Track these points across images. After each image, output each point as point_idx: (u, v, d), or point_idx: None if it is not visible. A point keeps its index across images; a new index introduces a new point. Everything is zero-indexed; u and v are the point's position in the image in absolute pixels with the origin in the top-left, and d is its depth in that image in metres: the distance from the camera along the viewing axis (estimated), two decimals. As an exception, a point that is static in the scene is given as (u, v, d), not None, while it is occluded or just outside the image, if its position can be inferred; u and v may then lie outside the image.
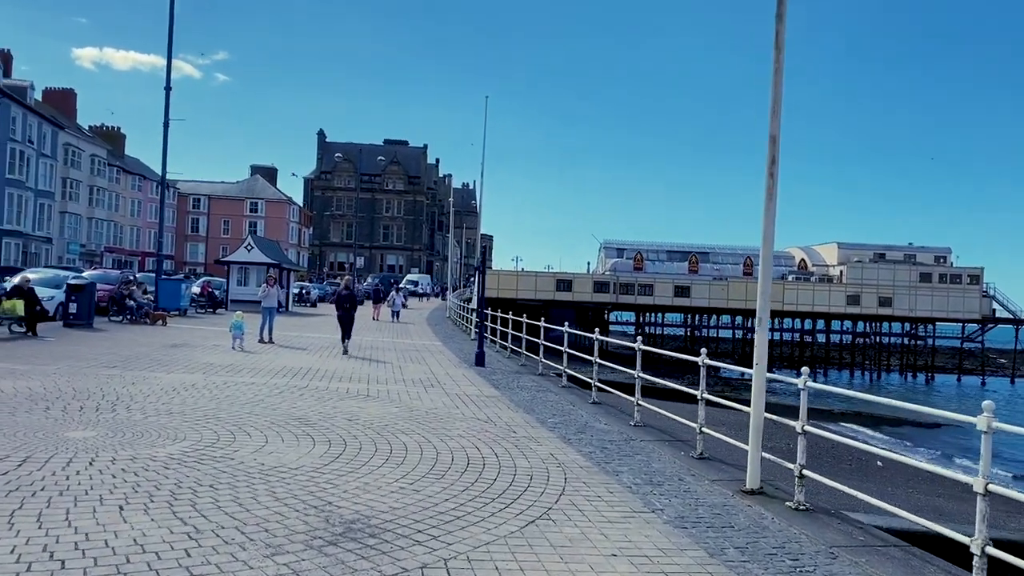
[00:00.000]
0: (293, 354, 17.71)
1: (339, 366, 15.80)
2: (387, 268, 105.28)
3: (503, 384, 14.74)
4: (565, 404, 12.60)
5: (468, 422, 10.09)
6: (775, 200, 7.26)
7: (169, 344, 17.96)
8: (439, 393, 12.74)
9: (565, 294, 62.69)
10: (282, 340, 21.33)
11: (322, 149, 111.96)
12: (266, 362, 15.64)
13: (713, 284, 65.86)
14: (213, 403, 10.21)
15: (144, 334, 20.32)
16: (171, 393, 10.83)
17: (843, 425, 29.96)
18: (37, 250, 59.35)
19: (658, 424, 11.05)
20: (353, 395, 11.81)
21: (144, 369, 13.26)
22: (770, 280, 7.43)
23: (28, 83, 60.59)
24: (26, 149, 57.15)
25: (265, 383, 12.46)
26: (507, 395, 13.12)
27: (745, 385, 44.27)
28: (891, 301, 64.60)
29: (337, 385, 12.79)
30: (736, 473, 8.02)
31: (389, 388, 12.90)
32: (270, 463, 7.18)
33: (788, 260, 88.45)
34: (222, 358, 15.74)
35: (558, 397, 13.41)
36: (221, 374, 13.27)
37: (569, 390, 14.56)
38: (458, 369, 16.93)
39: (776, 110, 7.23)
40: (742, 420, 8.32)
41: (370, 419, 9.80)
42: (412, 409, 10.85)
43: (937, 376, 63.03)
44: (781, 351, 66.36)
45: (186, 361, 14.82)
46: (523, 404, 12.16)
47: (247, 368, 14.36)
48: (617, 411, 12.24)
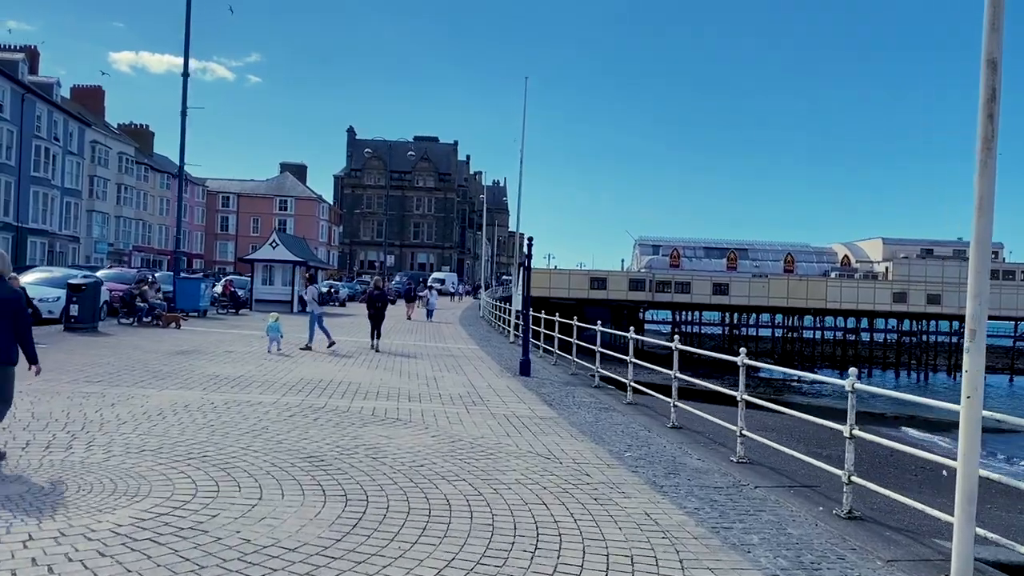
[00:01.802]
0: (314, 362, 15.63)
1: (365, 377, 13.67)
2: (417, 266, 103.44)
3: (557, 400, 12.49)
4: (637, 428, 10.33)
5: (525, 459, 7.87)
6: (994, 153, 4.91)
7: (176, 351, 15.98)
8: (483, 414, 10.54)
9: (599, 292, 60.70)
10: (301, 343, 19.36)
11: (352, 146, 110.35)
12: (282, 373, 13.56)
13: (753, 281, 63.85)
14: (203, 433, 8.09)
15: (152, 339, 18.40)
16: (154, 419, 8.74)
17: (902, 430, 27.35)
18: (63, 249, 58.31)
19: (760, 455, 8.75)
20: (380, 418, 9.63)
21: (133, 384, 11.22)
22: (987, 270, 5.11)
23: (55, 80, 59.60)
24: (52, 146, 56.08)
25: (275, 402, 10.34)
26: (565, 416, 10.87)
27: (788, 387, 41.86)
28: (940, 298, 62.13)
29: (361, 404, 10.63)
30: (917, 548, 5.70)
31: (423, 407, 10.72)
32: (258, 539, 5.01)
33: (830, 256, 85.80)
34: (231, 368, 13.70)
35: (626, 418, 11.13)
36: (224, 390, 11.19)
37: (637, 408, 12.27)
38: (501, 380, 14.73)
39: (996, 23, 4.88)
40: (804, 427, 6.02)
41: (400, 455, 7.61)
42: (453, 439, 8.64)
43: (988, 376, 59.79)
44: (823, 350, 63.95)
45: (187, 373, 12.78)
46: (587, 429, 9.90)
47: (257, 381, 12.28)
48: (705, 439, 9.94)
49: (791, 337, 65.34)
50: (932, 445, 23.44)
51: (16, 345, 6.60)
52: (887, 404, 32.21)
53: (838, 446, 8.62)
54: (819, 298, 61.41)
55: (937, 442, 25.24)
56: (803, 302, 61.35)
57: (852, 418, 6.54)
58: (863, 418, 25.51)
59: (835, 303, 61.04)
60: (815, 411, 7.46)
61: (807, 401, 35.65)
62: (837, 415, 7.30)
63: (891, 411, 32.02)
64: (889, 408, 31.92)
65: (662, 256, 79.95)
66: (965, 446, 4.99)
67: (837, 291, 61.56)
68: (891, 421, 30.00)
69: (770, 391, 38.52)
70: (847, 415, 6.58)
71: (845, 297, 61.19)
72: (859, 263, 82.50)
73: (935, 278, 62.57)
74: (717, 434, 10.11)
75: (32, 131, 53.21)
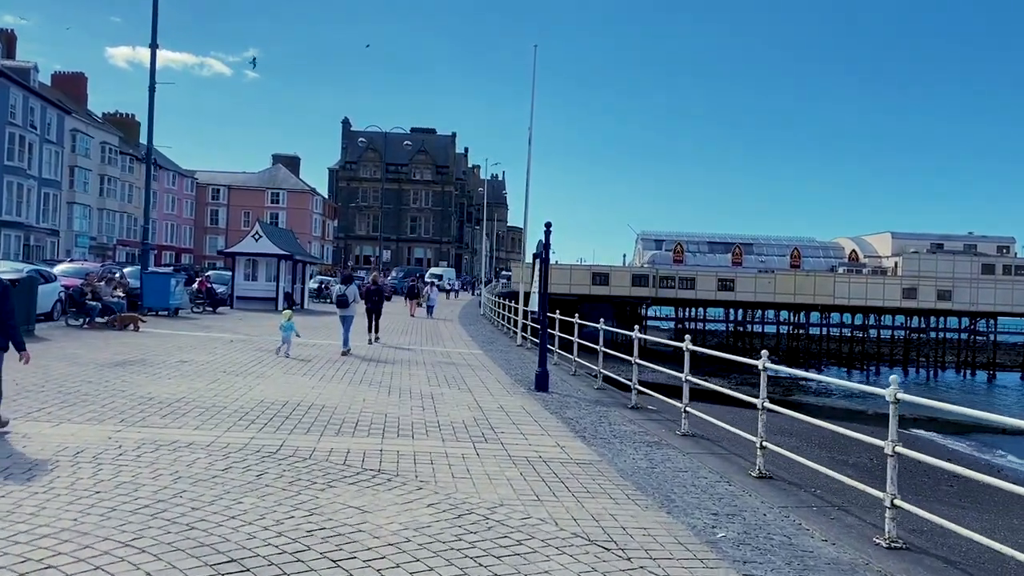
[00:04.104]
0: (285, 375, 12.76)
1: (344, 397, 10.81)
2: (414, 261, 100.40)
3: (589, 429, 9.66)
4: (711, 477, 7.50)
5: (572, 551, 5.03)
6: None
7: (116, 361, 13.10)
8: (499, 456, 7.70)
9: (602, 288, 58.45)
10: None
11: (347, 138, 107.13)
12: (239, 391, 10.69)
13: (759, 277, 62.11)
14: (70, 514, 5.19)
15: (96, 345, 15.49)
16: (10, 483, 5.87)
17: (917, 432, 24.70)
18: (41, 243, 55.31)
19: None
20: (353, 472, 6.77)
21: (27, 414, 8.33)
22: None
23: (32, 64, 56.54)
24: (28, 134, 53.05)
25: (209, 444, 7.47)
26: (608, 457, 8.03)
27: (798, 386, 39.49)
28: (950, 294, 60.34)
29: (331, 445, 7.77)
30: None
31: (416, 448, 7.87)
32: None
33: (837, 251, 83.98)
34: (175, 386, 10.83)
35: (688, 458, 8.31)
36: (149, 422, 8.33)
37: (697, 443, 9.42)
38: (514, 397, 11.90)
39: None
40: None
41: (377, 553, 4.77)
42: (459, 510, 5.80)
43: (999, 374, 57.63)
44: (828, 347, 61.73)
45: (112, 394, 9.90)
46: (645, 483, 7.07)
47: (201, 406, 9.41)
48: (838, 511, 7.11)
49: (797, 334, 63.12)
50: (976, 462, 20.96)
51: (4, 336, 7.19)
52: (876, 403, 29.72)
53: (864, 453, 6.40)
54: (827, 294, 59.56)
55: (976, 455, 22.71)
56: (810, 298, 59.39)
57: (894, 432, 5.75)
58: (871, 420, 22.50)
59: (843, 299, 59.13)
60: (828, 413, 5.58)
61: (822, 402, 33.77)
62: (854, 417, 5.69)
63: (878, 409, 29.53)
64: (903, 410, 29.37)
65: (665, 251, 78.40)
66: None
67: (845, 287, 59.61)
68: (902, 422, 27.44)
69: (779, 391, 36.91)
70: (888, 428, 5.77)
71: (854, 293, 59.21)
72: (867, 258, 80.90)
73: (946, 274, 60.71)
74: (813, 482, 7.30)
75: (6, 118, 50.18)
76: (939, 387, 48.67)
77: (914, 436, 23.33)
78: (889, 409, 5.80)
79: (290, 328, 15.38)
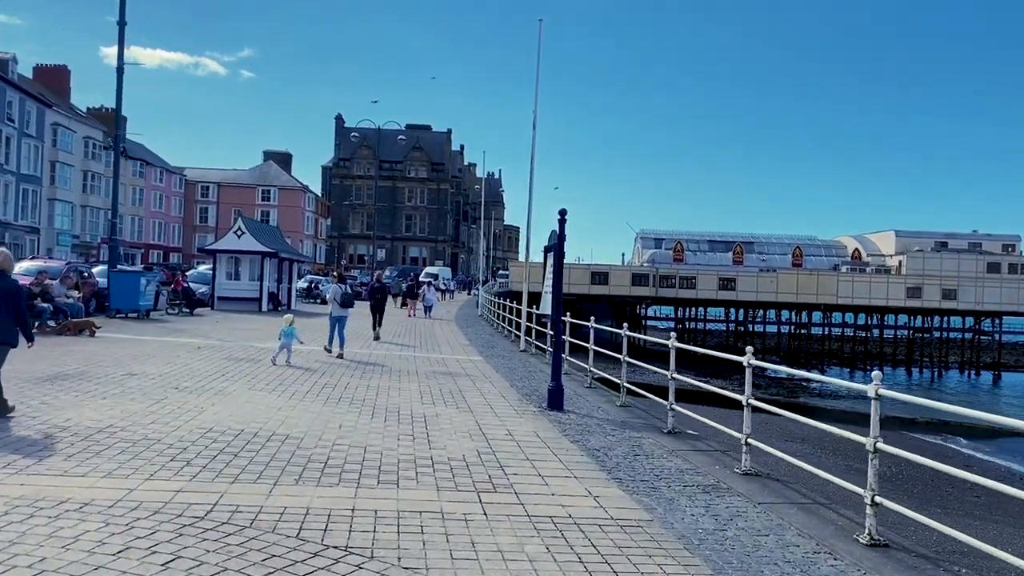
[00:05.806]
0: (250, 390, 10.67)
1: (316, 422, 8.73)
2: (409, 261, 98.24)
3: (625, 467, 7.59)
4: (807, 545, 5.45)
5: None
6: None
7: (48, 375, 10.99)
8: (513, 515, 5.63)
9: (601, 288, 56.97)
10: (254, 354, 14.50)
11: (340, 135, 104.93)
12: (185, 416, 8.61)
13: (761, 276, 61.16)
14: None
15: (37, 354, 13.33)
16: None
17: (902, 434, 22.90)
18: (19, 240, 53.04)
19: None
20: (310, 550, 4.68)
21: None
22: None
23: (10, 55, 54.36)
24: (5, 127, 50.87)
25: (114, 504, 5.36)
26: (661, 515, 5.96)
27: (800, 387, 37.79)
28: (955, 293, 59.25)
29: (285, 503, 5.66)
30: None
31: (401, 505, 5.78)
32: None
33: (840, 249, 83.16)
34: (105, 409, 8.72)
35: (767, 516, 6.24)
36: (48, 463, 6.23)
37: (765, 486, 7.35)
38: (524, 419, 9.83)
39: None
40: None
41: None
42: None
43: (1004, 374, 56.05)
44: (830, 346, 60.53)
45: (17, 423, 7.79)
46: (722, 558, 5.00)
47: (126, 440, 7.31)
48: None
49: (799, 334, 61.67)
50: (972, 460, 19.39)
51: (16, 329, 7.89)
52: (891, 407, 27.78)
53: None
54: (830, 293, 58.28)
55: (974, 453, 20.92)
56: (813, 297, 58.05)
57: (876, 429, 5.63)
58: (860, 420, 20.42)
59: (847, 298, 57.83)
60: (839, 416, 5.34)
61: (825, 404, 32.09)
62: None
63: (892, 413, 27.74)
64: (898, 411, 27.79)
65: (665, 250, 77.54)
66: None
67: (849, 286, 58.36)
68: (894, 423, 25.75)
69: (783, 392, 35.69)
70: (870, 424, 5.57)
71: (857, 292, 58.01)
72: (870, 256, 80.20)
73: (950, 272, 59.80)
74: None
75: (-20, 110, 48.03)
76: (944, 387, 47.29)
77: (941, 446, 21.55)
78: (871, 406, 5.66)
79: (291, 335, 14.14)
